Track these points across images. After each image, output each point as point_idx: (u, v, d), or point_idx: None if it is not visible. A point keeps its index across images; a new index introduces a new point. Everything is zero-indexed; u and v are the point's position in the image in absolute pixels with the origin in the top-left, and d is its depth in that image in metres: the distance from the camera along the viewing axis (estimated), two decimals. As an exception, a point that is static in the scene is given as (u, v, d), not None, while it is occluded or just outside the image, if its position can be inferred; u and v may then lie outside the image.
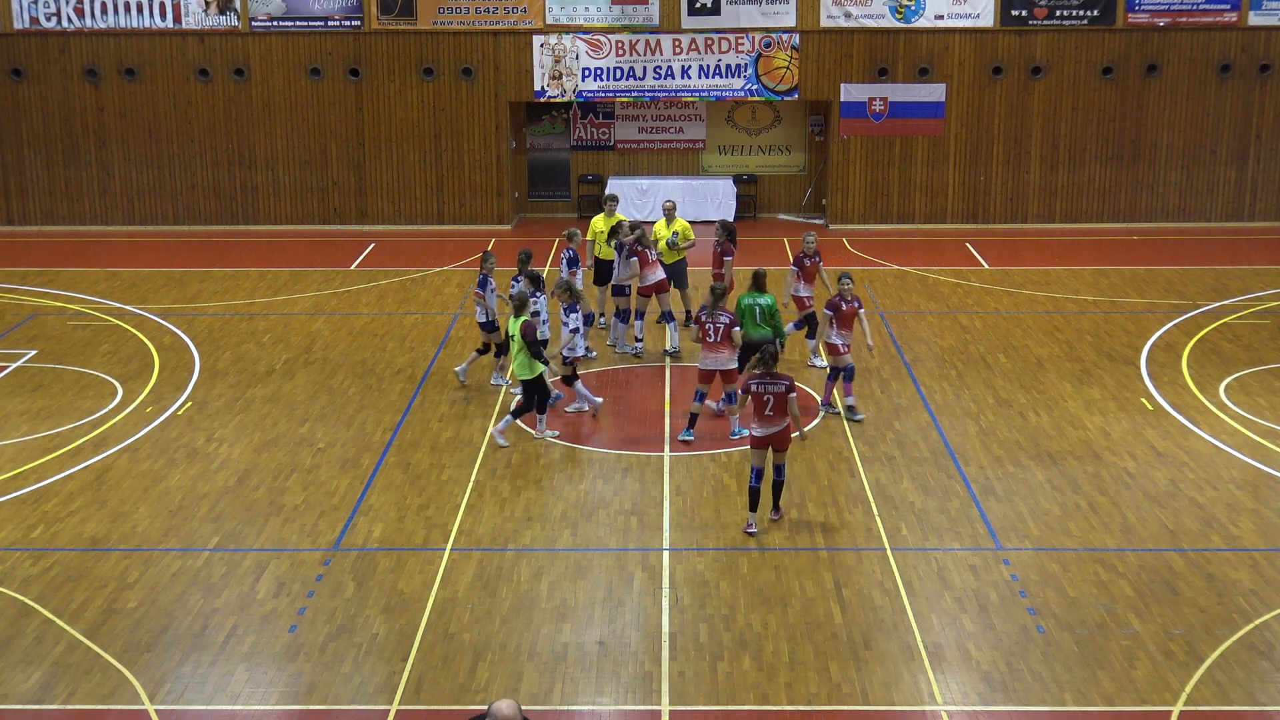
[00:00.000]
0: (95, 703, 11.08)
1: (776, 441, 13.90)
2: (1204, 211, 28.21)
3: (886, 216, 28.28)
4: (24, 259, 26.02)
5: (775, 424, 13.78)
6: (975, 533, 14.03)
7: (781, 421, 13.80)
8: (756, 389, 13.79)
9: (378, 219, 28.41)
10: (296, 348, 20.23)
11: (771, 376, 13.80)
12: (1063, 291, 23.06)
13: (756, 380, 13.84)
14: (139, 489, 15.27)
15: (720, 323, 16.23)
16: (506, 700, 8.19)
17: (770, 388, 13.73)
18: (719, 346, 16.26)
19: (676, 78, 27.67)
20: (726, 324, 16.24)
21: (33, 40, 27.62)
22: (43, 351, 20.09)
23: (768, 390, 13.73)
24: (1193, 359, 19.47)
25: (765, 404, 13.73)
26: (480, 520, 14.40)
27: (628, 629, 12.15)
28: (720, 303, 16.40)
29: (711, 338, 16.26)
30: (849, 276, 17.25)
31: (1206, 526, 14.15)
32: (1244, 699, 11.04)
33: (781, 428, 13.82)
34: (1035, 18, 27.34)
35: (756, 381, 13.83)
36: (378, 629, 12.16)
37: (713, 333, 16.24)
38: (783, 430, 13.84)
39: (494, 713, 8.14)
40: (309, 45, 27.61)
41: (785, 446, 14.01)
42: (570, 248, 19.41)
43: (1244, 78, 27.47)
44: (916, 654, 11.69)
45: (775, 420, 13.77)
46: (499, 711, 8.14)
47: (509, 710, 8.15)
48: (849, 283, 17.14)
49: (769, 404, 13.71)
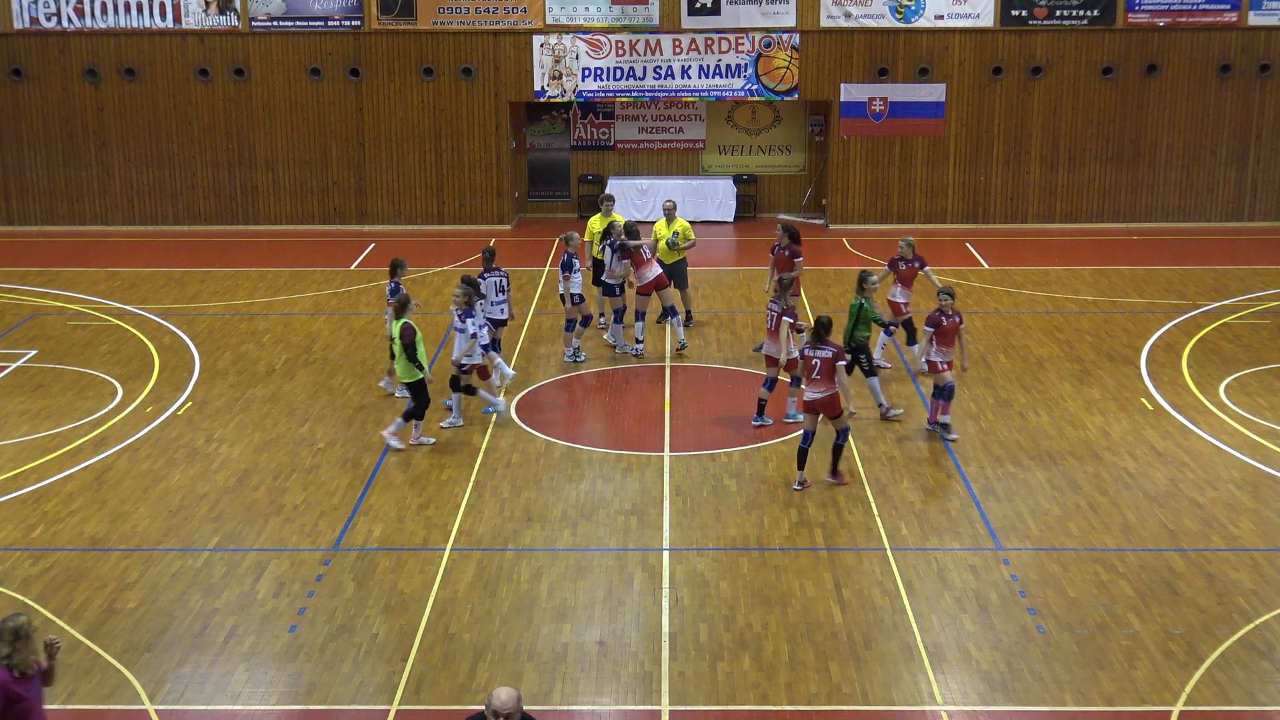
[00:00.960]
0: (95, 703, 11.08)
1: (823, 407, 14.83)
2: (1204, 211, 28.21)
3: (886, 216, 28.28)
4: (24, 259, 26.02)
5: (820, 389, 14.72)
6: (975, 533, 14.04)
7: (828, 387, 14.71)
8: (806, 354, 14.84)
9: (378, 219, 28.41)
10: (296, 348, 20.23)
11: (821, 343, 14.75)
12: (1063, 291, 23.06)
13: (808, 346, 14.89)
14: (139, 489, 15.27)
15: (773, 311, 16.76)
16: (505, 688, 8.16)
17: (818, 353, 14.69)
18: (776, 337, 16.81)
19: (676, 78, 27.67)
20: (778, 314, 16.67)
21: (33, 40, 27.62)
22: (43, 351, 20.09)
23: (816, 355, 14.71)
24: (1193, 359, 19.47)
25: (813, 369, 14.73)
26: (480, 520, 14.40)
27: (628, 629, 12.15)
28: (788, 291, 16.93)
29: (770, 325, 16.88)
30: (949, 292, 16.45)
31: (1206, 526, 14.15)
32: (1244, 699, 11.04)
33: (828, 394, 14.73)
34: (1035, 18, 27.34)
35: (808, 347, 14.88)
36: (378, 629, 12.16)
37: (770, 320, 16.86)
38: (829, 396, 14.75)
39: (493, 700, 8.11)
40: (309, 45, 27.61)
41: (834, 413, 14.88)
42: (568, 251, 19.33)
43: (1244, 78, 27.47)
44: (916, 654, 11.69)
45: (821, 385, 14.71)
46: (498, 698, 8.11)
47: (507, 697, 8.12)
48: (949, 299, 16.40)
49: (816, 368, 14.69)
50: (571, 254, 19.30)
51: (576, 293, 19.28)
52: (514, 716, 8.12)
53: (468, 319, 16.58)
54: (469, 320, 16.57)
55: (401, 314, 16.26)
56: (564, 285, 19.13)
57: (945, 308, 16.35)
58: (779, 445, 16.37)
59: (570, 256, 19.26)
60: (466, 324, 16.55)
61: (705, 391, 18.47)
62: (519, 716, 8.16)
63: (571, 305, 19.33)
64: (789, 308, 16.71)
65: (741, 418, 17.39)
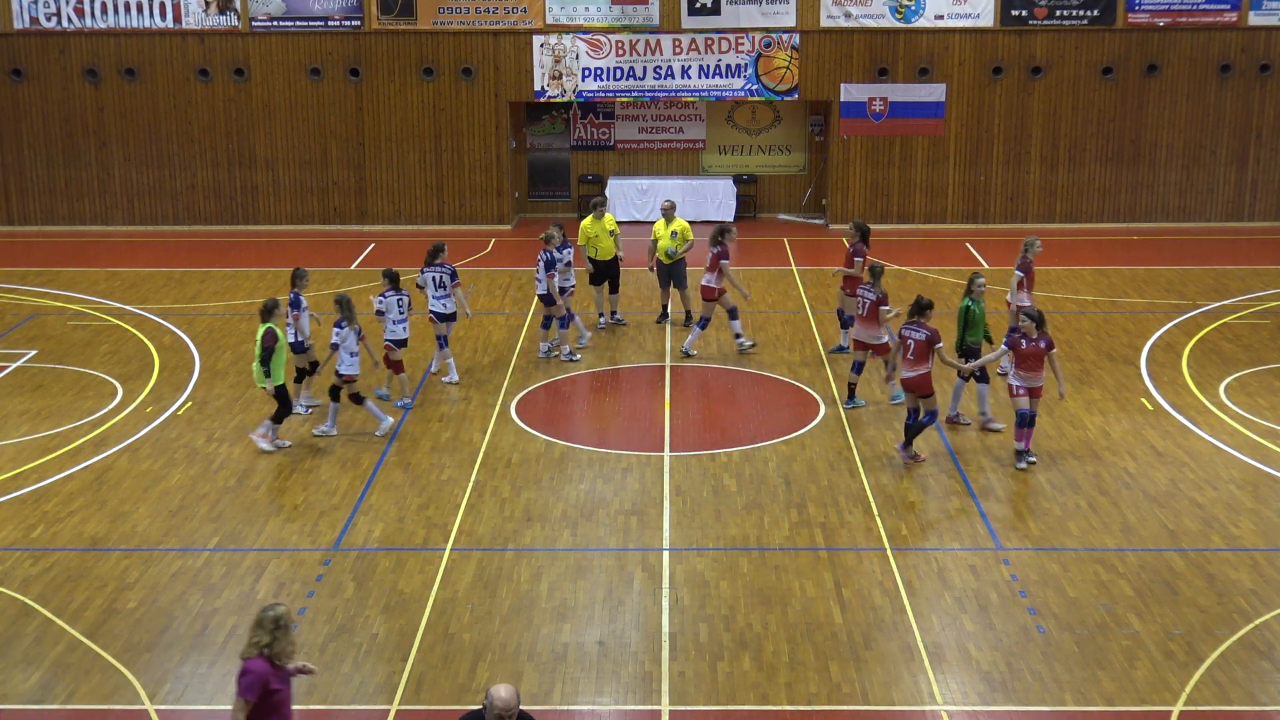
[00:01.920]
0: (95, 703, 11.07)
1: (915, 386, 15.36)
2: (1204, 211, 28.22)
3: (886, 216, 28.28)
4: (24, 259, 26.03)
5: (913, 368, 15.28)
6: (975, 533, 14.03)
7: (920, 366, 15.25)
8: (904, 333, 15.44)
9: (378, 219, 28.42)
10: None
11: (917, 324, 15.32)
12: (1063, 291, 23.06)
13: (905, 326, 15.47)
14: (139, 489, 15.27)
15: (867, 298, 17.22)
16: (503, 686, 8.15)
17: (913, 334, 15.30)
18: (869, 321, 17.23)
19: (676, 78, 27.67)
20: (873, 301, 17.15)
21: (33, 40, 27.62)
22: (43, 351, 20.09)
23: (911, 335, 15.31)
24: (1193, 359, 19.47)
25: (907, 348, 15.34)
26: (480, 520, 14.40)
27: (628, 629, 12.15)
28: (879, 279, 17.31)
29: (862, 311, 17.32)
30: (1032, 315, 15.32)
31: (1206, 526, 14.15)
32: (1244, 699, 11.04)
33: (920, 373, 15.26)
34: (1035, 18, 27.34)
35: (905, 327, 15.47)
36: (378, 629, 12.16)
37: (862, 306, 17.29)
38: (920, 376, 15.27)
39: (491, 697, 8.10)
40: (309, 45, 27.62)
41: (924, 392, 15.35)
42: (547, 250, 19.22)
43: (1244, 78, 27.47)
44: (916, 654, 11.69)
45: (914, 364, 15.27)
46: (497, 696, 8.09)
47: (507, 695, 8.11)
48: (1029, 321, 15.28)
49: (910, 348, 15.29)
50: (549, 254, 19.15)
51: (562, 288, 19.29)
52: (513, 715, 8.12)
53: (337, 328, 16.38)
54: (337, 330, 16.37)
55: (267, 319, 16.04)
56: (544, 284, 19.09)
57: (1024, 330, 15.35)
58: (779, 445, 16.37)
59: (549, 256, 19.10)
60: (335, 334, 16.36)
61: (705, 391, 18.47)
62: (517, 715, 8.16)
63: (552, 303, 19.29)
64: (883, 295, 17.25)
65: (741, 417, 17.40)
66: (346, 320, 16.42)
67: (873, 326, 17.39)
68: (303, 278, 17.53)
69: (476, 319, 21.44)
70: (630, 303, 22.58)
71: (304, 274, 17.62)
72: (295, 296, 17.26)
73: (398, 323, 17.66)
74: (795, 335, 20.71)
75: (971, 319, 16.67)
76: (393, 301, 17.65)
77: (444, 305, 18.37)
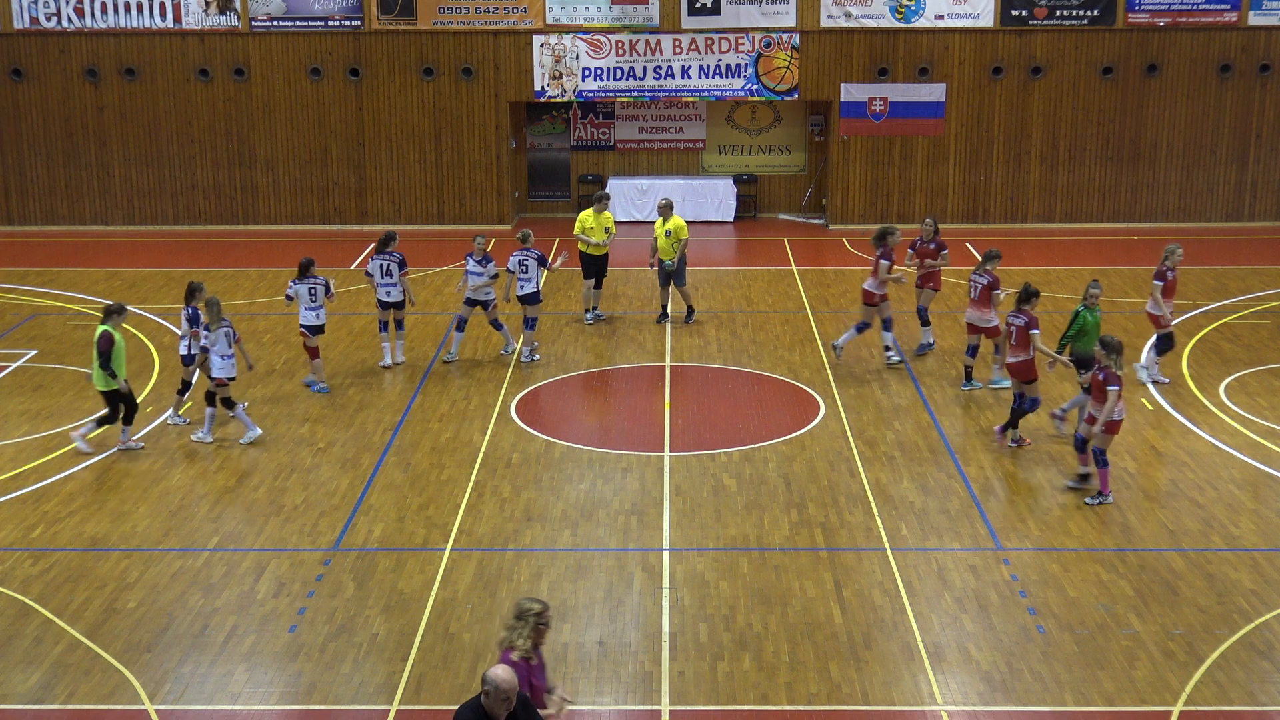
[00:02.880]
0: (95, 703, 11.07)
1: (1017, 371, 15.97)
2: (1204, 211, 28.22)
3: (886, 216, 28.26)
4: (24, 259, 26.03)
5: (1014, 354, 15.96)
6: (975, 533, 14.03)
7: (1022, 353, 15.85)
8: (1009, 320, 16.09)
9: (378, 219, 28.42)
10: (296, 348, 20.22)
11: (1019, 311, 15.96)
12: (1063, 291, 23.05)
13: (1010, 313, 16.13)
14: (139, 489, 15.27)
15: (979, 283, 17.57)
16: (501, 667, 8.18)
17: (1015, 320, 15.95)
18: (980, 304, 17.52)
19: (676, 78, 27.67)
20: (985, 285, 17.49)
21: (33, 40, 27.62)
22: (43, 351, 20.09)
23: (1013, 322, 15.97)
24: (1193, 359, 19.46)
25: (1010, 334, 16.01)
26: (480, 520, 14.40)
27: (628, 629, 12.15)
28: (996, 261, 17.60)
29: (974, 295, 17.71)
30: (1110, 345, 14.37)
31: (1206, 526, 14.15)
32: (1244, 699, 11.04)
33: (1022, 359, 15.87)
34: (1035, 18, 27.34)
35: (1009, 314, 16.14)
36: (378, 629, 12.16)
37: (974, 290, 17.70)
38: (1022, 362, 15.86)
39: (492, 680, 8.08)
40: (309, 45, 27.62)
41: (1024, 377, 15.91)
42: (525, 249, 19.28)
43: (1244, 78, 27.47)
44: (916, 654, 11.69)
45: (1015, 350, 15.94)
46: (497, 677, 8.08)
47: (506, 674, 8.11)
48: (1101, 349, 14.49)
49: (1013, 335, 15.96)
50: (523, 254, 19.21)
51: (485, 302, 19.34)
52: (515, 695, 8.11)
53: (205, 330, 16.34)
54: (205, 334, 16.33)
55: (106, 321, 15.96)
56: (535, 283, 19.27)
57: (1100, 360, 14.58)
58: (779, 445, 16.37)
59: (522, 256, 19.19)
60: (206, 336, 16.34)
61: (705, 391, 18.47)
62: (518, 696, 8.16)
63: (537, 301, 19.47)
64: (996, 279, 17.53)
65: (741, 417, 17.40)
66: (214, 322, 16.30)
67: (984, 309, 17.77)
68: (199, 291, 16.83)
69: (477, 319, 21.43)
70: (630, 302, 22.59)
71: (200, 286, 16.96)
72: (193, 311, 16.83)
73: (309, 309, 17.89)
74: (795, 335, 20.71)
75: (1084, 326, 16.28)
76: (303, 290, 17.88)
77: (388, 294, 18.61)
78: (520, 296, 19.40)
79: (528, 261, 19.30)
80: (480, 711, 8.17)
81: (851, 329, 19.33)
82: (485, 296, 19.28)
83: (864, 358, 19.56)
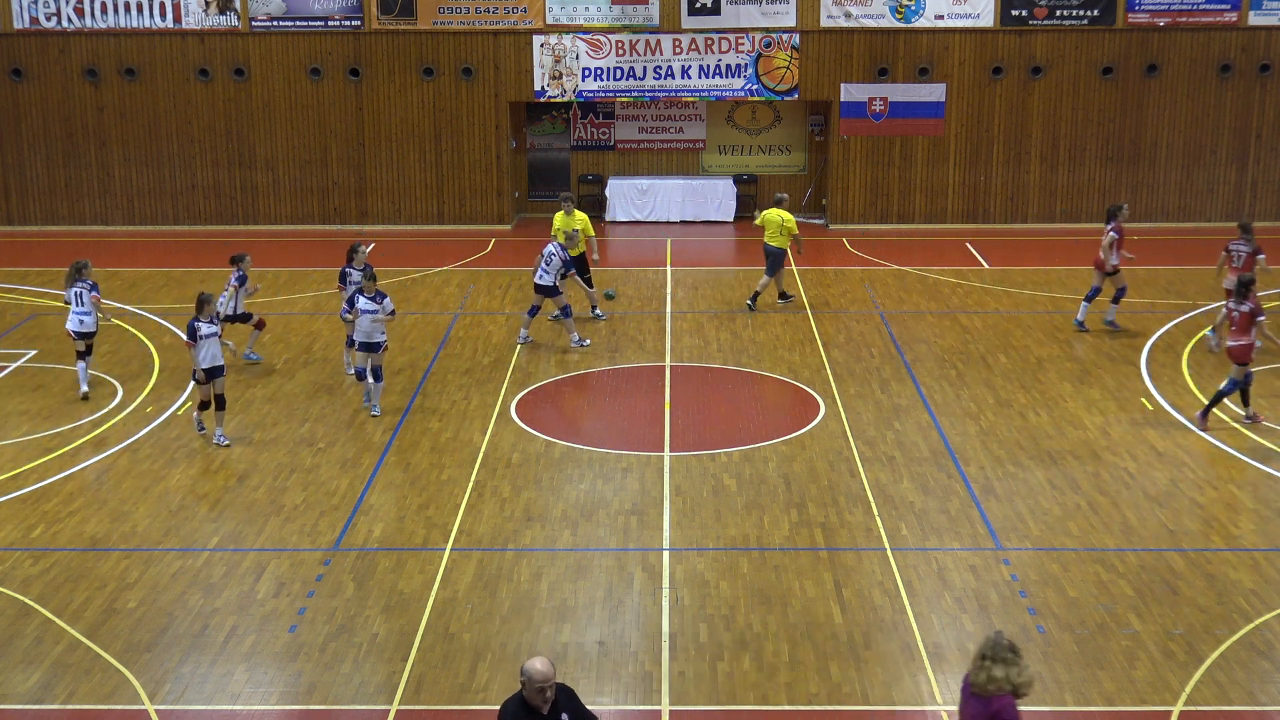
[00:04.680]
0: (95, 703, 11.07)
1: (1235, 354, 16.68)
2: (1204, 211, 28.22)
3: (886, 216, 28.28)
4: (24, 259, 26.02)
5: (1236, 338, 16.70)
6: (975, 533, 14.03)
7: (1243, 338, 16.62)
8: (1228, 307, 16.91)
9: (378, 219, 28.42)
10: (296, 348, 20.23)
11: (1241, 299, 16.73)
12: (1063, 291, 23.06)
13: (1230, 301, 16.97)
14: (139, 489, 15.27)
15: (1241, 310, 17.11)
16: (538, 658, 8.17)
17: (1239, 307, 16.73)
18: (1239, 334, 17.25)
19: (676, 78, 27.67)
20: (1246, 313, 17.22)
21: (33, 40, 27.62)
22: (43, 351, 20.09)
23: (1236, 309, 16.76)
24: (1193, 359, 19.46)
25: (1232, 321, 16.80)
26: (480, 520, 14.40)
27: (628, 629, 12.14)
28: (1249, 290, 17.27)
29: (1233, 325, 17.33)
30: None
31: (1206, 526, 14.15)
32: (1244, 699, 11.04)
33: (1240, 343, 16.61)
34: (1035, 18, 27.34)
35: (1230, 301, 16.96)
36: (378, 629, 12.16)
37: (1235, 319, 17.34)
38: (1241, 346, 16.61)
39: (529, 672, 8.07)
40: (309, 45, 27.62)
41: (1241, 359, 16.62)
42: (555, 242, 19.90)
43: (1244, 78, 27.47)
44: (916, 654, 11.69)
45: (1235, 335, 16.72)
46: (534, 669, 8.07)
47: (543, 665, 8.10)
48: None
49: (1235, 321, 16.75)
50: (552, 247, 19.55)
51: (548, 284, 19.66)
52: (552, 685, 8.14)
53: None
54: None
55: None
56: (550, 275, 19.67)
57: None
58: (779, 445, 16.37)
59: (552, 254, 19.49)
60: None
61: (705, 391, 18.46)
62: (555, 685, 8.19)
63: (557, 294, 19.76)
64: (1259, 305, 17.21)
65: (741, 417, 17.40)
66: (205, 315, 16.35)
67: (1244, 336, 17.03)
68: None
69: (477, 319, 21.44)
70: (631, 302, 22.59)
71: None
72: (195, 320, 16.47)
73: (76, 313, 18.04)
74: (795, 335, 20.71)
75: None
76: (71, 294, 18.14)
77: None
78: (536, 286, 19.90)
79: (553, 257, 19.79)
80: (524, 705, 8.17)
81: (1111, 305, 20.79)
82: (380, 337, 17.22)
83: (864, 357, 19.56)
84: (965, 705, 8.57)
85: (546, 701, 8.16)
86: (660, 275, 24.43)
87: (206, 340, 16.29)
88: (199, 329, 16.28)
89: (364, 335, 17.19)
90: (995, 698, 8.38)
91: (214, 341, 16.39)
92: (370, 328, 17.13)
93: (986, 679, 8.38)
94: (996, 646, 8.44)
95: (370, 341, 17.20)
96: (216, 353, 16.42)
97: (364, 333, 17.17)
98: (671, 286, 23.61)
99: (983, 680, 8.39)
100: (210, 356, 16.33)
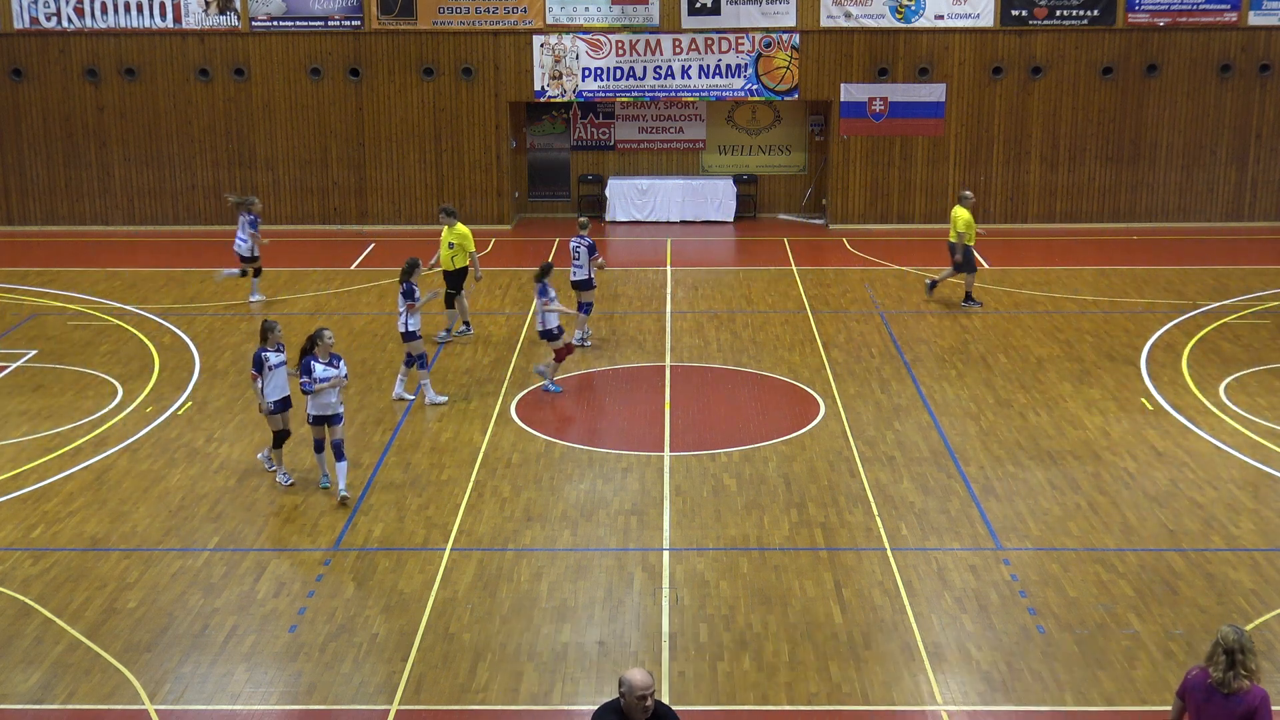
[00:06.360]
0: (95, 703, 11.07)
1: None
2: (1204, 211, 28.22)
3: (886, 216, 28.28)
4: (24, 259, 26.02)
5: None
6: (975, 533, 14.03)
7: None
8: None
9: (378, 219, 28.42)
10: (297, 348, 20.18)
11: None
12: (1063, 291, 23.06)
13: None
14: (139, 489, 15.27)
15: None
16: (638, 670, 8.09)
17: None
18: None
19: (676, 78, 27.67)
20: None
21: (33, 40, 27.62)
22: (43, 351, 20.09)
23: None
24: (1193, 359, 19.47)
25: None
26: (480, 520, 14.40)
27: (628, 629, 12.15)
28: None
29: None
30: None
31: (1206, 526, 14.15)
32: (1244, 699, 11.03)
33: None
34: (1035, 18, 27.34)
35: None
36: (378, 629, 12.16)
37: None
38: None
39: (629, 683, 7.99)
40: (309, 45, 27.62)
41: None
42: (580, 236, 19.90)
43: (1244, 78, 27.47)
44: (916, 654, 11.69)
45: None
46: (634, 680, 7.98)
47: (643, 677, 7.99)
48: None
49: None
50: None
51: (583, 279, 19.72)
52: (652, 695, 8.04)
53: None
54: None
55: None
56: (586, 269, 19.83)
57: None
58: (779, 445, 16.37)
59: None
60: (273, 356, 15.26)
61: (705, 391, 18.46)
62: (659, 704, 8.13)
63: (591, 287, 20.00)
64: None
65: (741, 418, 17.40)
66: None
67: None
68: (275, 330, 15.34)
69: (477, 319, 21.44)
70: (630, 302, 22.59)
71: None
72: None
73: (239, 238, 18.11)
74: (795, 335, 20.71)
75: None
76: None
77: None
78: (573, 283, 19.95)
79: (580, 249, 19.78)
80: (620, 713, 8.10)
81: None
82: (338, 409, 14.88)
83: (864, 357, 19.56)
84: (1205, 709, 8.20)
85: (646, 711, 8.04)
86: (660, 275, 24.43)
87: (275, 371, 14.98)
88: (267, 359, 14.89)
89: (318, 408, 14.72)
90: (1249, 692, 8.19)
91: (281, 372, 15.02)
92: (327, 398, 14.75)
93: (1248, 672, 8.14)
94: (1242, 635, 8.21)
95: (327, 414, 14.79)
96: (284, 383, 15.06)
97: (319, 405, 14.71)
98: (671, 286, 23.62)
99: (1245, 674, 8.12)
100: (278, 388, 14.99)
